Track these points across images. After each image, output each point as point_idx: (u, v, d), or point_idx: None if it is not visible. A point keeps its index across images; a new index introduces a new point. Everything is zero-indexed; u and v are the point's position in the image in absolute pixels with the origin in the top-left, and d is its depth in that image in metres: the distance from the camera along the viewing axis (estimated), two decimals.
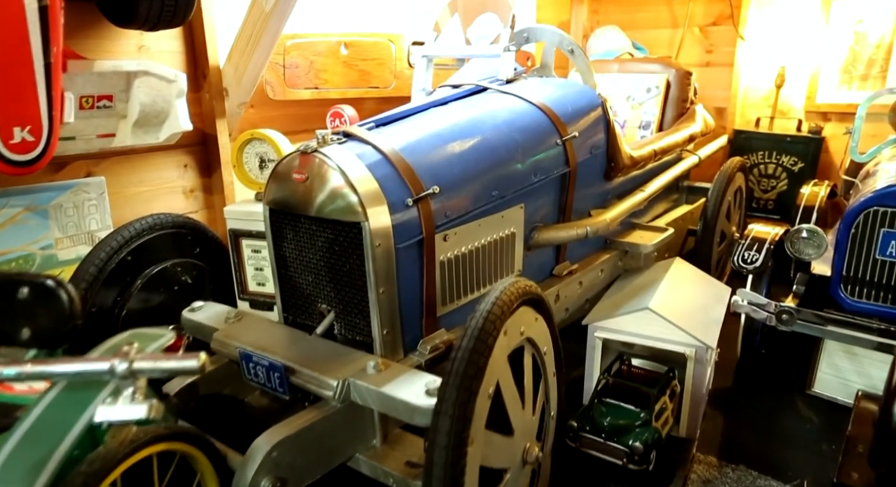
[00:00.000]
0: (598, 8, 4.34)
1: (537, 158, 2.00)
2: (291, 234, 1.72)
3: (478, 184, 1.80)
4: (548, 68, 2.55)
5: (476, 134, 1.87)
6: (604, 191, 2.44)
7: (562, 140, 2.08)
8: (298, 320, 1.80)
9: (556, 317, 2.23)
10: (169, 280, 1.94)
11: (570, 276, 2.25)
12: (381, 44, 2.75)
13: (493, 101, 2.08)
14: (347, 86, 2.64)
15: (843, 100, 3.52)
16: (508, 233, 1.96)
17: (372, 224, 1.53)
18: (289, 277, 1.78)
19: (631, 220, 2.65)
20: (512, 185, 1.92)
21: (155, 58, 2.10)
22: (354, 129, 1.73)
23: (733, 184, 3.01)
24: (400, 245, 1.60)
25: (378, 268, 1.57)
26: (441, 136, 1.80)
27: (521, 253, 2.05)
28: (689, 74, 3.18)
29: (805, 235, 2.13)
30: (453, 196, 1.73)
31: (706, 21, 3.94)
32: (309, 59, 2.45)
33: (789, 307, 2.07)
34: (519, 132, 1.97)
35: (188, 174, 2.31)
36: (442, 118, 1.90)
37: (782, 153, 3.57)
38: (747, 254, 2.30)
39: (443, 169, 1.73)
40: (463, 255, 1.81)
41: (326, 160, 1.57)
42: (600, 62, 3.46)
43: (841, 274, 2.14)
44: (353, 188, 1.53)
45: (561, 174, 2.11)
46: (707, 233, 2.86)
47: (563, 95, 2.24)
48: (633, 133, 3.20)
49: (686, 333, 1.94)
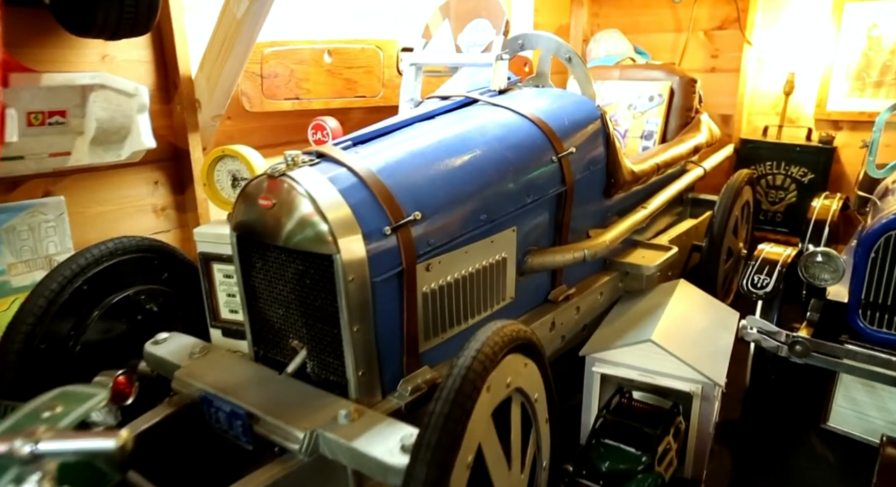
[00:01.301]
0: (599, 11, 4.18)
1: (530, 178, 1.85)
2: (260, 263, 1.57)
3: (464, 207, 1.65)
4: (544, 77, 2.40)
5: (463, 152, 1.72)
6: (603, 209, 2.28)
7: (557, 157, 1.93)
8: (270, 355, 1.66)
9: (552, 346, 2.09)
10: (132, 309, 1.79)
11: (566, 302, 2.09)
12: (368, 51, 2.61)
13: (483, 115, 1.93)
14: (332, 96, 2.50)
15: (855, 107, 3.36)
16: (499, 258, 1.81)
17: (344, 256, 1.38)
18: (259, 309, 1.63)
19: (632, 237, 2.50)
20: (502, 208, 1.77)
21: (120, 68, 1.95)
22: (328, 149, 1.58)
23: (741, 198, 2.85)
24: (377, 278, 1.45)
25: (352, 304, 1.42)
26: (424, 156, 1.65)
27: (514, 278, 1.90)
28: (693, 82, 3.03)
29: (820, 259, 1.97)
30: (437, 222, 1.58)
31: (711, 25, 3.78)
32: (289, 68, 2.30)
33: (803, 338, 1.91)
34: (510, 149, 1.82)
35: (159, 191, 2.17)
36: (426, 135, 1.75)
37: (791, 163, 3.41)
38: (757, 278, 2.14)
39: (426, 192, 1.58)
40: (448, 285, 1.66)
41: (295, 185, 1.42)
42: (600, 68, 3.31)
43: (859, 301, 1.98)
44: (324, 216, 1.38)
45: (556, 193, 1.96)
46: (713, 252, 2.71)
47: (559, 107, 2.09)
48: (634, 143, 3.05)
49: (692, 368, 1.78)
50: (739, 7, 3.59)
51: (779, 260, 2.22)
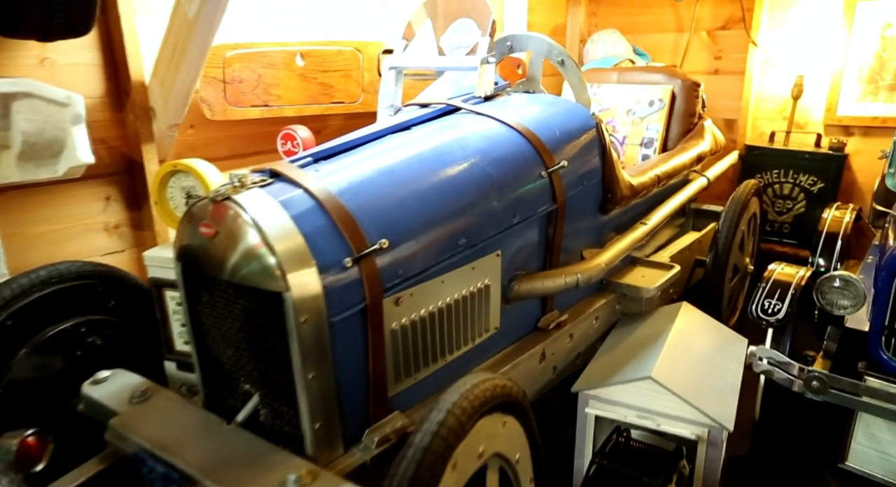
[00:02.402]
0: (597, 10, 3.99)
1: (517, 195, 1.66)
2: (207, 297, 1.38)
3: (440, 232, 1.46)
4: (535, 82, 2.21)
5: (439, 169, 1.53)
6: (599, 226, 2.09)
7: (547, 171, 1.74)
8: (221, 398, 1.47)
9: (542, 379, 1.89)
10: (70, 343, 1.60)
11: (558, 329, 1.90)
12: (345, 53, 2.42)
13: (465, 125, 1.74)
14: (305, 102, 2.30)
15: (867, 112, 3.17)
16: (481, 286, 1.62)
17: (295, 293, 1.19)
18: (207, 348, 1.44)
19: (631, 255, 2.30)
20: (484, 230, 1.57)
21: (63, 73, 1.76)
22: (283, 167, 1.39)
23: (747, 211, 2.66)
24: (336, 316, 1.26)
25: (306, 348, 1.23)
26: (395, 174, 1.46)
27: (499, 307, 1.71)
28: (696, 85, 2.83)
29: (838, 284, 1.78)
30: (408, 249, 1.39)
31: (714, 25, 3.59)
32: (256, 73, 2.11)
33: (820, 373, 1.72)
34: (494, 164, 1.63)
35: (111, 208, 1.97)
36: (398, 149, 1.56)
37: (800, 172, 3.22)
38: (767, 303, 1.95)
39: (395, 216, 1.39)
40: (422, 320, 1.47)
41: (240, 211, 1.23)
42: (598, 71, 3.11)
43: (881, 330, 1.79)
44: (272, 247, 1.19)
45: (546, 212, 1.77)
46: (718, 270, 2.51)
47: (550, 116, 1.89)
48: (633, 151, 2.86)
49: (697, 410, 1.59)
50: (744, 6, 3.40)
51: (791, 282, 2.02)
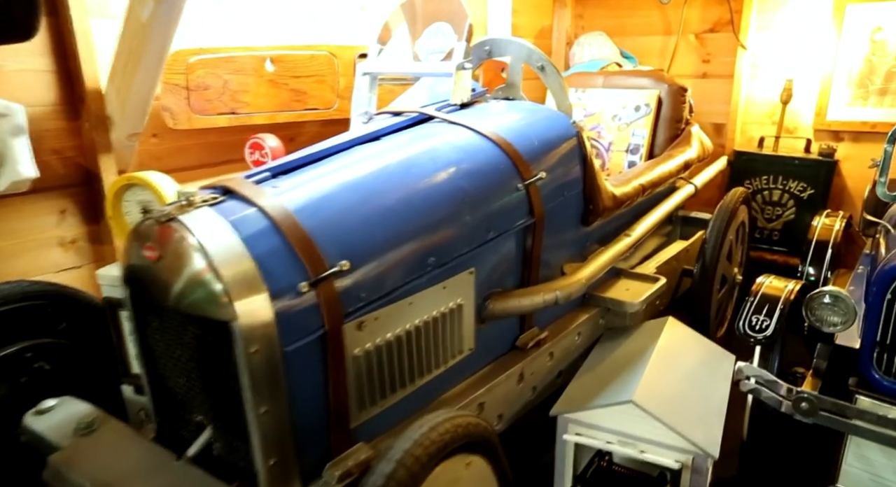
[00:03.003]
0: (583, 12, 3.91)
1: (491, 210, 1.57)
2: (157, 322, 1.29)
3: (408, 251, 1.37)
4: (515, 88, 2.12)
5: (408, 183, 1.44)
6: (580, 239, 2.01)
7: (524, 184, 1.66)
8: (174, 428, 1.37)
9: (521, 400, 1.81)
10: (13, 370, 1.50)
11: (537, 348, 1.82)
12: (319, 57, 2.32)
13: (437, 136, 1.65)
14: (276, 109, 2.21)
15: (857, 117, 3.11)
16: (453, 306, 1.53)
17: (244, 322, 1.10)
18: (160, 375, 1.35)
19: (615, 266, 2.22)
20: (456, 248, 1.49)
21: (10, 79, 1.66)
22: (236, 184, 1.29)
23: (735, 220, 2.59)
24: (291, 345, 1.17)
25: (257, 381, 1.14)
26: (359, 189, 1.37)
27: (473, 327, 1.62)
28: (683, 90, 2.76)
29: (828, 301, 1.70)
30: (371, 270, 1.30)
31: (702, 27, 3.52)
32: (222, 79, 2.01)
33: (809, 395, 1.64)
34: (467, 177, 1.54)
35: (67, 222, 1.87)
36: (364, 162, 1.47)
37: (789, 178, 3.15)
38: (755, 319, 1.87)
39: (357, 235, 1.30)
40: (388, 344, 1.38)
41: (185, 233, 1.14)
42: (582, 75, 3.03)
43: (873, 347, 1.71)
44: (218, 273, 1.10)
45: (524, 226, 1.68)
46: (705, 281, 2.44)
47: (528, 125, 1.81)
48: (619, 158, 2.78)
49: (681, 436, 1.51)
50: (732, 8, 3.33)
51: (780, 296, 1.94)
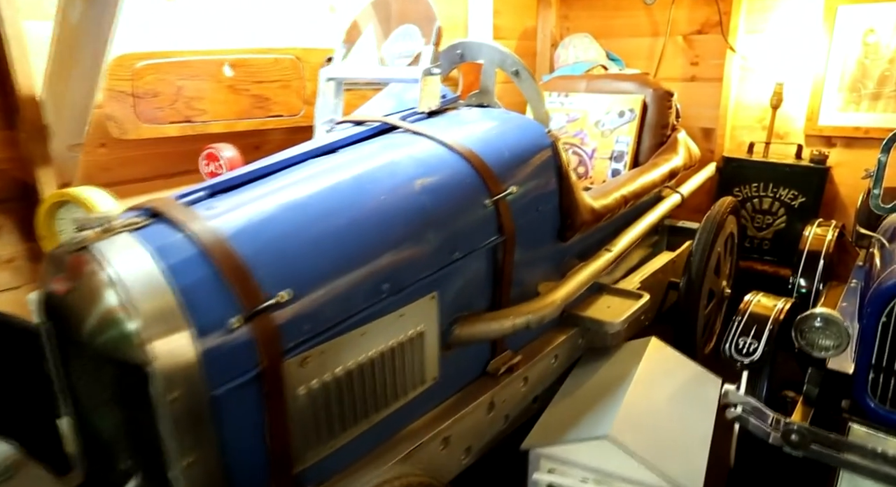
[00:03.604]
0: (569, 13, 3.79)
1: (456, 229, 1.45)
2: (76, 359, 1.16)
3: (359, 277, 1.25)
4: (488, 94, 2.00)
5: (362, 202, 1.32)
6: (558, 254, 1.89)
7: (493, 200, 1.54)
8: (103, 472, 1.25)
9: (492, 430, 1.68)
10: None
11: (509, 374, 1.70)
12: (284, 61, 2.20)
13: (399, 148, 1.53)
14: (236, 117, 2.08)
15: (850, 122, 3.00)
16: (413, 334, 1.41)
17: (161, 365, 0.97)
18: (83, 415, 1.22)
19: (598, 281, 2.10)
20: (416, 271, 1.37)
21: None
22: (165, 205, 1.17)
23: (723, 231, 2.48)
24: (220, 388, 1.05)
25: (180, 430, 1.01)
26: (305, 209, 1.25)
27: (437, 355, 1.50)
28: (669, 95, 2.65)
29: (819, 324, 1.59)
30: (316, 300, 1.18)
31: (691, 29, 3.41)
32: (175, 85, 1.88)
33: (800, 426, 1.53)
34: (429, 194, 1.42)
35: (4, 239, 1.74)
36: (315, 178, 1.34)
37: (780, 185, 3.04)
38: (742, 342, 1.76)
39: (301, 261, 1.18)
40: (337, 380, 1.26)
41: (98, 265, 1.01)
42: (565, 79, 2.92)
43: (867, 373, 1.60)
44: (133, 310, 0.97)
45: (493, 245, 1.56)
46: (691, 297, 2.32)
47: (498, 136, 1.69)
48: (603, 166, 2.66)
49: (660, 474, 1.40)
50: (721, 9, 3.22)
51: (769, 316, 1.83)
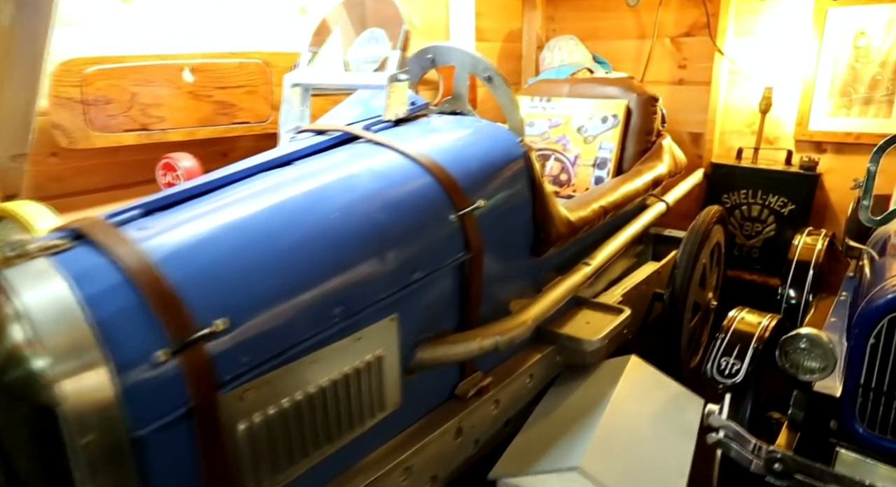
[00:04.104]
0: (555, 14, 3.71)
1: (416, 247, 1.36)
2: None
3: (307, 301, 1.16)
4: (461, 100, 1.92)
5: (312, 219, 1.23)
6: (532, 269, 1.80)
7: (458, 214, 1.45)
8: None
9: (460, 455, 1.58)
10: None
11: (479, 397, 1.61)
12: (250, 66, 2.10)
13: (358, 160, 1.44)
14: (198, 124, 1.99)
15: (840, 127, 2.92)
16: (370, 359, 1.32)
17: (73, 406, 0.89)
18: (5, 452, 1.13)
19: (577, 295, 2.02)
20: (372, 293, 1.28)
21: None
22: (92, 226, 1.07)
23: (709, 242, 2.39)
24: (144, 429, 0.96)
25: (96, 475, 0.92)
26: (248, 229, 1.16)
27: (398, 380, 1.41)
28: (654, 100, 2.56)
29: (804, 346, 1.50)
30: (258, 328, 1.09)
31: (678, 31, 3.32)
32: (128, 91, 1.79)
33: (784, 454, 1.45)
34: (388, 210, 1.33)
35: None
36: (264, 194, 1.25)
37: (769, 192, 2.96)
38: (724, 362, 1.67)
39: (241, 287, 1.09)
40: (283, 413, 1.16)
41: (5, 295, 0.92)
42: (548, 83, 2.83)
43: (855, 397, 1.52)
44: (39, 348, 0.88)
45: (459, 262, 1.47)
46: (675, 312, 2.24)
47: (466, 146, 1.60)
48: (586, 173, 2.58)
49: None
50: (709, 11, 3.13)
51: (753, 334, 1.75)
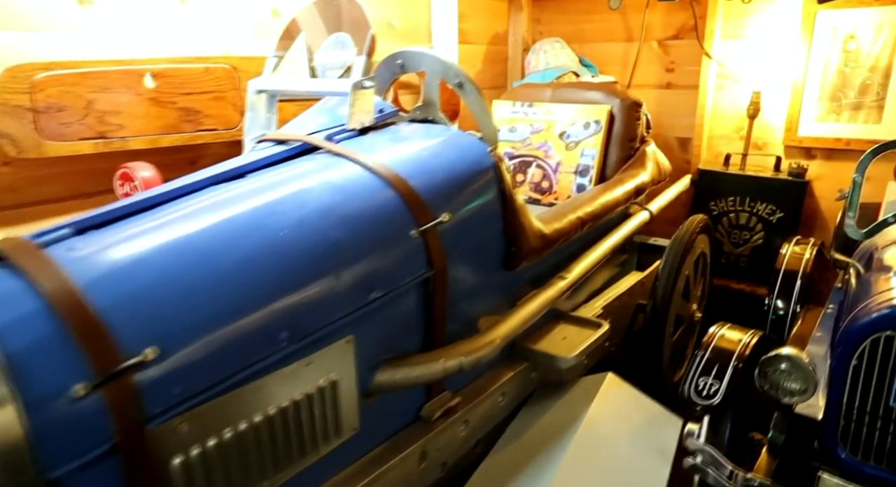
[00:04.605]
0: (541, 17, 3.64)
1: (373, 266, 1.29)
2: None
3: (247, 327, 1.08)
4: (432, 107, 1.84)
5: (259, 238, 1.15)
6: (504, 284, 1.74)
7: (420, 230, 1.38)
8: None
9: (426, 480, 1.51)
10: None
11: (446, 418, 1.54)
12: (217, 71, 2.03)
13: (315, 173, 1.37)
14: (161, 131, 1.92)
15: (830, 133, 2.86)
16: (324, 384, 1.25)
17: None
18: None
19: (554, 308, 1.95)
20: (324, 315, 1.20)
21: None
22: (14, 248, 1.00)
23: (693, 252, 2.33)
24: (58, 470, 0.88)
25: None
26: (187, 249, 1.09)
27: (356, 404, 1.33)
28: (637, 105, 2.50)
29: (785, 367, 1.44)
30: (192, 357, 1.01)
31: (666, 34, 3.26)
32: (84, 98, 1.72)
33: (761, 483, 1.38)
34: (343, 227, 1.26)
35: None
36: (207, 211, 1.18)
37: (757, 199, 2.90)
38: (703, 382, 1.60)
39: (175, 312, 1.01)
40: (225, 444, 1.09)
41: None
42: (530, 87, 2.77)
43: (837, 421, 1.46)
44: None
45: (421, 280, 1.40)
46: (656, 326, 2.17)
47: (432, 156, 1.53)
48: (567, 180, 2.51)
49: None
50: (696, 13, 3.07)
51: (733, 352, 1.68)
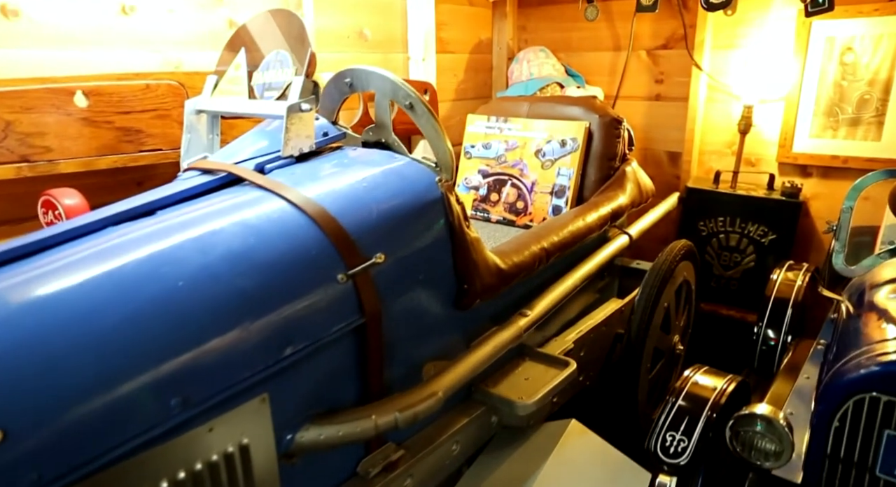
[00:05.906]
0: (527, 24, 3.50)
1: (290, 316, 1.15)
2: None
3: (127, 396, 0.95)
4: (385, 129, 1.70)
5: (146, 292, 1.01)
6: (457, 324, 1.59)
7: (349, 273, 1.24)
8: None
9: None
10: None
11: (387, 473, 1.40)
12: (159, 88, 1.90)
13: (232, 212, 1.23)
14: (97, 153, 1.79)
15: (826, 150, 2.70)
16: (231, 450, 1.11)
17: None
18: None
19: (522, 342, 1.80)
20: (225, 377, 1.06)
21: None
22: None
23: (673, 281, 2.17)
24: None
25: None
26: (56, 307, 0.95)
27: (275, 466, 1.19)
28: (617, 122, 2.35)
29: (760, 428, 1.29)
30: (51, 436, 0.88)
31: (655, 43, 3.11)
32: (2, 120, 1.59)
33: None
34: (253, 274, 1.12)
35: None
36: (92, 259, 1.05)
37: (748, 220, 2.74)
38: (670, 437, 1.45)
39: (32, 385, 0.88)
40: None
41: None
42: (506, 101, 2.62)
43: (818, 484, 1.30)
44: None
45: (351, 328, 1.26)
46: (632, 360, 2.02)
47: (369, 189, 1.39)
48: (543, 201, 2.37)
49: None
50: (686, 22, 2.92)
51: (708, 400, 1.53)
